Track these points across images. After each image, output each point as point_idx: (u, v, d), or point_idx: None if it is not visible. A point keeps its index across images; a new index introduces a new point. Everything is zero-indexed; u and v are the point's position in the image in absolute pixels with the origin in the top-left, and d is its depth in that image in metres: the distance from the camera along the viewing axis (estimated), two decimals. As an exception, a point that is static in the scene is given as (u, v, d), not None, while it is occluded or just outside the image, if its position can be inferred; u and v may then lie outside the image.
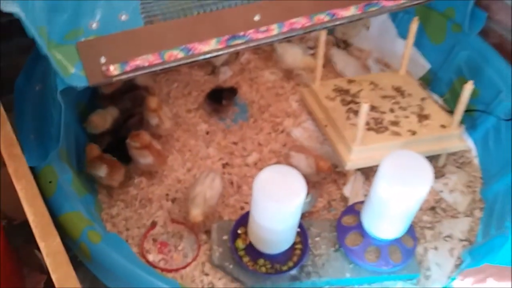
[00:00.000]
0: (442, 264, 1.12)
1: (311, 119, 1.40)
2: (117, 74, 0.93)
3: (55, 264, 0.54)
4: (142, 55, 0.96)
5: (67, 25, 0.94)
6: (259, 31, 1.03)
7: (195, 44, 0.99)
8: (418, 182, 0.94)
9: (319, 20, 1.08)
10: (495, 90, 1.32)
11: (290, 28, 1.05)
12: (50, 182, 0.97)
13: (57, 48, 0.91)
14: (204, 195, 1.10)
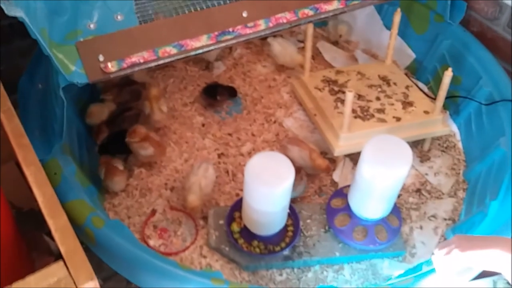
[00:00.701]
0: (426, 242, 1.19)
1: (301, 109, 1.46)
2: (115, 71, 1.00)
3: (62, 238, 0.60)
4: (137, 52, 1.02)
5: (67, 26, 1.01)
6: (247, 26, 1.10)
7: (187, 41, 1.05)
8: (398, 164, 1.00)
9: (304, 14, 1.15)
10: (476, 76, 1.38)
11: (276, 23, 1.12)
12: (55, 174, 1.03)
13: (58, 48, 0.98)
14: (199, 184, 1.16)
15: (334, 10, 1.18)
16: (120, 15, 1.04)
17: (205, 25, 1.07)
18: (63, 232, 0.62)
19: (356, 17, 1.66)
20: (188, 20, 1.07)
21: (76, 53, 0.98)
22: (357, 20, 1.66)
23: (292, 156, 1.26)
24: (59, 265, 0.58)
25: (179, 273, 0.91)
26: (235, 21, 1.09)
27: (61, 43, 0.98)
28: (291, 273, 1.12)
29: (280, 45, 1.55)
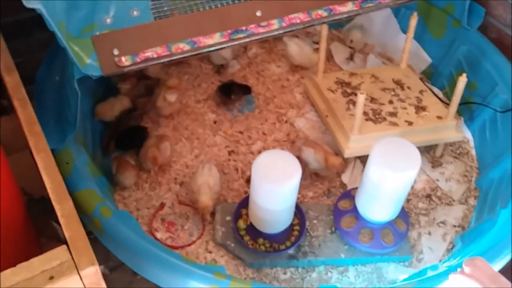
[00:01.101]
0: (434, 248, 1.18)
1: (314, 110, 1.46)
2: (129, 65, 1.02)
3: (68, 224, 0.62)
4: (151, 47, 1.04)
5: (84, 20, 1.03)
6: (260, 25, 1.11)
7: (200, 38, 1.07)
8: (406, 167, 1.00)
9: (317, 15, 1.15)
10: (492, 83, 1.36)
11: (290, 23, 1.13)
12: (67, 163, 1.06)
13: (75, 41, 1.00)
14: (208, 184, 1.16)
15: (349, 12, 1.18)
16: (136, 10, 1.06)
17: (219, 23, 1.08)
18: (69, 218, 0.63)
19: (372, 20, 1.65)
20: (202, 18, 1.08)
21: (92, 46, 1.00)
22: (373, 23, 1.66)
23: (306, 158, 1.26)
24: (62, 249, 0.60)
25: (182, 266, 0.92)
26: (249, 20, 1.10)
27: (77, 36, 1.00)
28: (295, 272, 1.13)
29: (297, 45, 1.55)
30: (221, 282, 0.91)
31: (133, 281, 1.12)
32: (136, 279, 1.10)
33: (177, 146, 1.35)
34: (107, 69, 1.00)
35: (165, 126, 1.40)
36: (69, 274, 0.58)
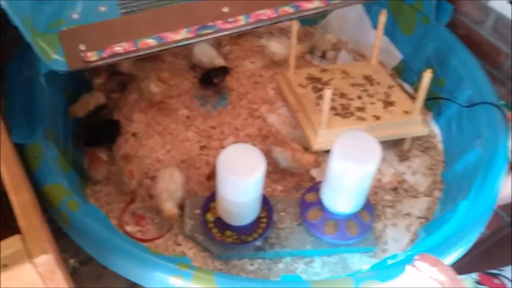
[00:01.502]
0: (398, 239, 1.21)
1: (286, 105, 1.49)
2: (95, 60, 1.03)
3: (22, 214, 0.63)
4: (118, 43, 1.05)
5: (51, 15, 1.04)
6: (227, 21, 1.12)
7: (167, 33, 1.08)
8: (367, 160, 1.03)
9: (284, 12, 1.17)
10: (458, 79, 1.40)
11: (257, 19, 1.15)
12: (36, 158, 1.07)
13: (41, 36, 1.01)
14: (168, 190, 1.16)
15: (315, 8, 1.20)
16: (103, 6, 1.08)
17: (186, 19, 1.10)
18: (24, 208, 0.65)
19: (345, 17, 1.68)
20: (169, 14, 1.10)
21: (58, 42, 1.01)
22: (346, 20, 1.68)
23: (276, 157, 1.28)
24: (15, 238, 0.62)
25: (147, 257, 0.94)
26: (216, 16, 1.12)
27: (44, 31, 1.02)
28: (263, 264, 1.15)
29: (278, 43, 1.58)
30: (185, 273, 0.93)
31: (102, 274, 1.14)
32: (106, 272, 1.12)
33: (150, 141, 1.37)
34: (73, 64, 1.01)
35: (138, 122, 1.42)
36: (22, 262, 0.60)
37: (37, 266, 0.62)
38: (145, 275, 0.94)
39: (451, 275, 0.86)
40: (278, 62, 1.60)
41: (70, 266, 1.14)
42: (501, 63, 1.44)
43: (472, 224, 1.06)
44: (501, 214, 1.31)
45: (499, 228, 1.31)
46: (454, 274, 0.88)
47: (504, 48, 1.42)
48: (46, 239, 0.64)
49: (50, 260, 0.62)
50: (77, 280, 1.12)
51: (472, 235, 1.06)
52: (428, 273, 0.87)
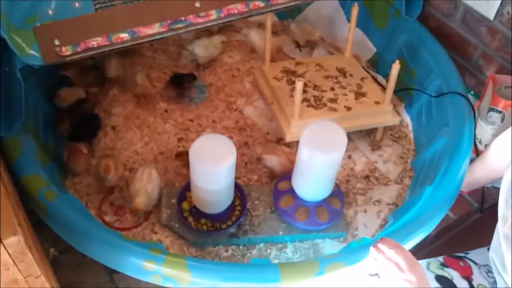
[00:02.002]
0: (368, 225, 1.26)
1: (262, 98, 1.53)
2: (69, 54, 1.07)
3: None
4: (92, 37, 1.09)
5: (27, 11, 1.08)
6: (199, 16, 1.16)
7: (140, 28, 1.12)
8: (333, 148, 1.07)
9: (255, 6, 1.21)
10: (428, 70, 1.44)
11: (228, 13, 1.18)
12: (14, 150, 1.10)
13: (17, 32, 1.04)
14: (145, 190, 1.18)
15: (286, 2, 1.24)
16: (77, 2, 1.11)
17: (158, 14, 1.13)
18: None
19: (321, 11, 1.72)
20: (142, 9, 1.13)
21: (33, 37, 1.04)
22: (322, 14, 1.72)
23: (272, 165, 1.31)
24: (-14, 221, 0.65)
25: (120, 243, 0.98)
26: (188, 11, 1.15)
27: (19, 27, 1.05)
28: (237, 250, 1.19)
29: (258, 33, 1.61)
30: (157, 257, 0.96)
31: (82, 263, 1.17)
32: (86, 261, 1.15)
33: (128, 134, 1.41)
34: (48, 59, 1.04)
35: (117, 116, 1.45)
36: (-8, 244, 0.64)
37: (7, 247, 0.65)
38: (119, 261, 0.98)
39: (408, 257, 0.91)
40: (255, 56, 1.64)
41: (50, 255, 1.17)
42: (471, 54, 1.49)
43: (435, 208, 1.11)
44: (469, 200, 1.35)
45: (468, 214, 1.36)
46: (412, 257, 0.93)
47: (473, 40, 1.46)
48: (16, 222, 0.67)
49: (20, 242, 0.66)
50: (58, 268, 1.15)
51: (435, 219, 1.10)
52: (387, 254, 0.92)
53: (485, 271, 1.12)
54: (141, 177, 1.21)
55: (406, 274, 0.90)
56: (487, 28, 1.40)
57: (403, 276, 0.90)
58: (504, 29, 1.36)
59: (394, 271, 0.91)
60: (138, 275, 0.98)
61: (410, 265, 0.90)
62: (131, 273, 0.98)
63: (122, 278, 1.15)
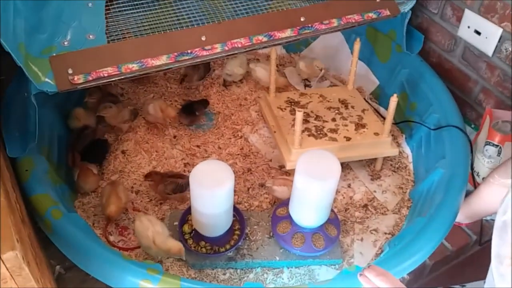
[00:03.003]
0: (364, 253, 1.28)
1: (266, 126, 1.58)
2: (81, 83, 1.14)
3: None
4: (103, 67, 1.16)
5: (44, 42, 1.16)
6: (204, 49, 1.23)
7: (148, 59, 1.19)
8: (327, 176, 1.11)
9: (258, 40, 1.28)
10: (428, 103, 1.48)
11: (232, 47, 1.25)
12: (26, 170, 1.18)
13: (34, 61, 1.13)
14: (158, 233, 1.19)
15: (287, 38, 1.30)
16: (92, 34, 1.19)
17: (166, 46, 1.21)
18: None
19: (326, 45, 1.79)
20: (151, 41, 1.21)
21: (48, 66, 1.12)
22: (328, 48, 1.79)
23: (282, 196, 1.34)
24: (-13, 237, 0.71)
25: (119, 262, 1.03)
26: (194, 44, 1.23)
27: (37, 56, 1.13)
28: (234, 273, 1.23)
29: (263, 69, 1.68)
30: (153, 277, 1.01)
31: (85, 280, 1.22)
32: (89, 279, 1.19)
33: (137, 158, 1.47)
34: (61, 86, 1.12)
35: (127, 140, 1.52)
36: (-9, 258, 0.69)
37: (5, 262, 0.71)
38: (117, 279, 1.02)
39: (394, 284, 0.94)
40: (262, 86, 1.71)
41: (56, 272, 1.23)
42: (471, 89, 1.52)
43: (427, 239, 1.13)
44: (468, 232, 1.37)
45: (467, 246, 1.37)
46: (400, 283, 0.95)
47: (472, 75, 1.50)
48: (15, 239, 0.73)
49: (17, 257, 0.71)
50: (62, 285, 1.21)
51: (426, 249, 1.12)
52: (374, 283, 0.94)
53: (480, 303, 1.13)
54: (144, 225, 1.19)
55: None
56: (486, 64, 1.44)
57: None
58: (503, 65, 1.40)
59: None
60: (135, 293, 1.02)
61: None
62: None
63: (122, 296, 1.20)
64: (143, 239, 1.18)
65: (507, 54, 1.37)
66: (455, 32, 1.49)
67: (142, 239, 1.18)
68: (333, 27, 1.34)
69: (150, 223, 1.19)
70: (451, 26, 1.50)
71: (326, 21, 1.34)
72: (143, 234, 1.17)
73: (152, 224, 1.18)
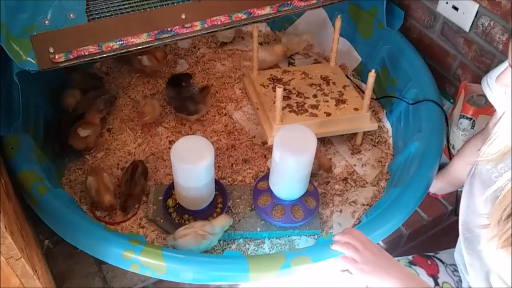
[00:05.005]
0: (343, 224, 1.33)
1: (250, 104, 1.61)
2: (63, 61, 1.16)
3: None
4: (84, 46, 1.19)
5: (26, 22, 1.19)
6: (184, 27, 1.25)
7: (128, 38, 1.21)
8: (303, 150, 1.14)
9: (237, 18, 1.30)
10: (407, 79, 1.51)
11: (211, 24, 1.28)
12: (12, 148, 1.21)
13: (15, 40, 1.15)
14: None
15: (267, 15, 1.32)
16: (72, 13, 1.21)
17: (146, 25, 1.23)
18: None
19: (310, 23, 1.80)
20: (131, 20, 1.23)
21: (30, 45, 1.15)
22: (311, 26, 1.81)
23: None
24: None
25: (103, 234, 1.07)
26: (174, 22, 1.25)
27: (18, 36, 1.15)
28: (217, 245, 1.26)
29: (265, 50, 1.69)
30: (136, 247, 1.05)
31: (73, 254, 1.25)
32: (76, 252, 1.23)
33: (122, 136, 1.50)
34: (43, 65, 1.14)
35: (112, 119, 1.55)
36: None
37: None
38: (101, 250, 1.06)
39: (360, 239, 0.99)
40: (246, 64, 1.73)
41: (45, 246, 1.27)
42: (450, 64, 1.55)
43: (400, 208, 1.17)
44: (444, 203, 1.41)
45: (442, 216, 1.41)
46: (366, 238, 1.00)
47: (451, 50, 1.53)
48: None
49: (1, 231, 0.75)
50: (51, 258, 1.25)
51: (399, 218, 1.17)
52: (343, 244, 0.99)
53: (451, 270, 1.18)
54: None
55: (362, 252, 0.97)
56: (463, 39, 1.47)
57: (359, 255, 0.97)
58: (479, 40, 1.42)
59: (352, 253, 0.97)
60: (118, 264, 1.06)
61: (364, 245, 0.98)
62: (112, 261, 1.07)
63: (109, 268, 1.24)
64: None
65: (483, 29, 1.40)
66: (435, 8, 1.51)
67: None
68: (312, 4, 1.36)
69: None
70: (430, 2, 1.52)
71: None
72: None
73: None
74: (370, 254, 0.97)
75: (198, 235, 1.16)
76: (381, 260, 0.97)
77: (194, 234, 1.16)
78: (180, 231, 1.17)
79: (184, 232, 1.16)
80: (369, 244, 0.99)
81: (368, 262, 0.96)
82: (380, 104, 1.63)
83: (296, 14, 1.84)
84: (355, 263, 0.96)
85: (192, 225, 1.19)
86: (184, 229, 1.17)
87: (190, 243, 1.16)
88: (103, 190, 1.28)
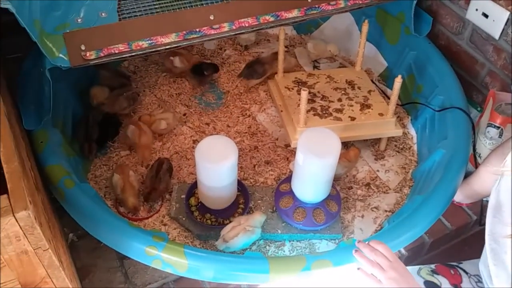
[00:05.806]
0: (364, 229, 1.32)
1: (274, 106, 1.62)
2: (93, 59, 1.19)
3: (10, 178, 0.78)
4: (114, 44, 1.21)
5: (59, 19, 1.21)
6: (212, 28, 1.27)
7: (158, 37, 1.23)
8: (327, 153, 1.14)
9: (265, 20, 1.31)
10: (433, 85, 1.50)
11: (239, 26, 1.29)
12: (41, 142, 1.24)
13: (48, 37, 1.18)
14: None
15: (294, 18, 1.33)
16: (104, 12, 1.24)
17: (175, 25, 1.25)
18: (12, 174, 0.80)
19: (337, 27, 1.80)
20: (161, 20, 1.25)
21: (62, 42, 1.17)
22: (338, 30, 1.81)
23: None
24: (4, 197, 0.77)
25: (127, 229, 1.09)
26: (202, 23, 1.26)
27: (51, 33, 1.18)
28: (237, 245, 1.28)
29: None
30: (159, 244, 1.07)
31: (96, 248, 1.28)
32: (99, 246, 1.26)
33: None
34: (74, 62, 1.17)
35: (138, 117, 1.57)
36: (7, 216, 0.75)
37: (18, 221, 0.76)
38: (124, 245, 1.08)
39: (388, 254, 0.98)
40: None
41: (69, 239, 1.29)
42: (478, 71, 1.53)
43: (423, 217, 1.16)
44: (468, 212, 1.39)
45: (466, 226, 1.39)
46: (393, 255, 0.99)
47: (480, 58, 1.51)
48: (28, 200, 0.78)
49: (29, 216, 0.76)
50: (74, 252, 1.27)
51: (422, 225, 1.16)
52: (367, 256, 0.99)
53: (475, 281, 1.16)
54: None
55: (388, 273, 0.96)
56: (493, 47, 1.45)
57: (385, 275, 0.96)
58: (509, 48, 1.40)
59: (377, 272, 0.97)
60: (141, 259, 1.08)
61: (390, 263, 0.97)
62: (135, 256, 1.08)
63: (131, 264, 1.25)
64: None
65: (514, 37, 1.38)
66: (464, 15, 1.50)
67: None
68: (340, 8, 1.36)
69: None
70: (459, 8, 1.51)
71: (333, 2, 1.36)
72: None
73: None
74: (394, 276, 0.97)
75: (247, 231, 1.18)
76: (404, 282, 0.97)
77: (244, 231, 1.18)
78: (227, 234, 1.19)
79: (235, 232, 1.18)
80: (396, 262, 0.99)
81: (392, 284, 0.96)
82: (405, 110, 1.61)
83: (322, 18, 1.84)
84: (379, 283, 0.96)
85: (235, 224, 1.20)
86: (230, 230, 1.19)
87: (243, 240, 1.18)
88: (128, 190, 1.30)
